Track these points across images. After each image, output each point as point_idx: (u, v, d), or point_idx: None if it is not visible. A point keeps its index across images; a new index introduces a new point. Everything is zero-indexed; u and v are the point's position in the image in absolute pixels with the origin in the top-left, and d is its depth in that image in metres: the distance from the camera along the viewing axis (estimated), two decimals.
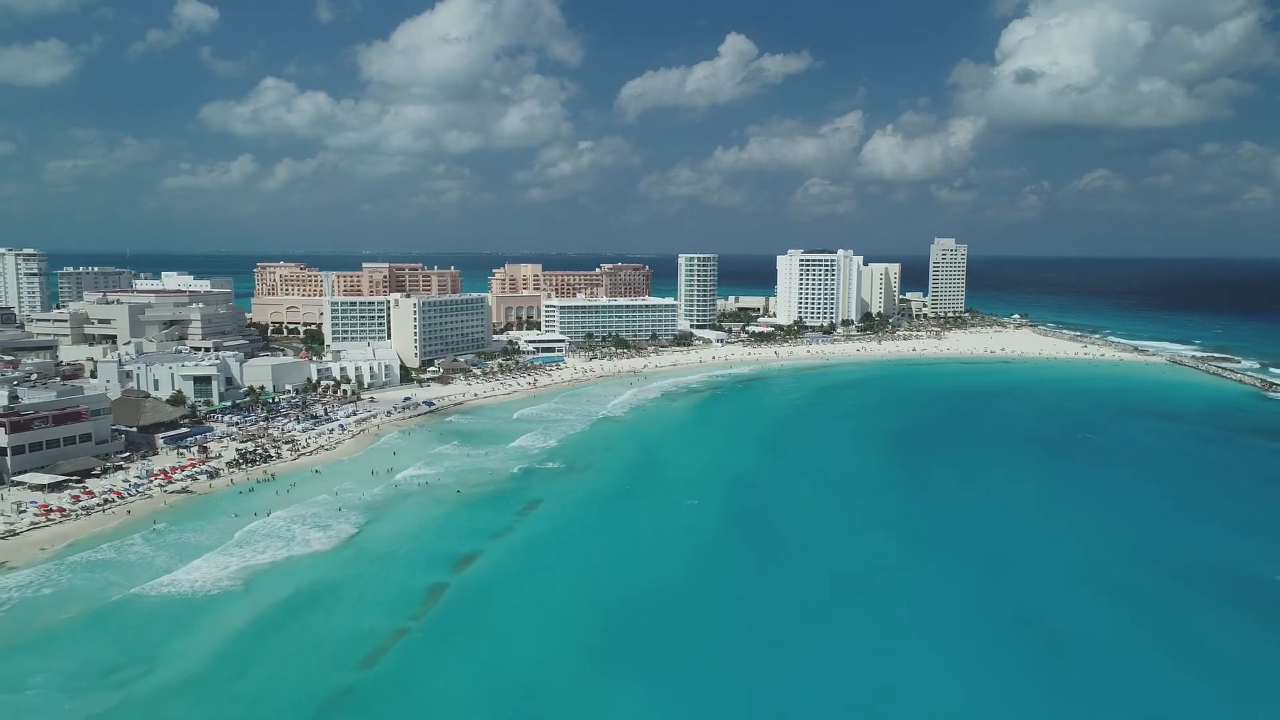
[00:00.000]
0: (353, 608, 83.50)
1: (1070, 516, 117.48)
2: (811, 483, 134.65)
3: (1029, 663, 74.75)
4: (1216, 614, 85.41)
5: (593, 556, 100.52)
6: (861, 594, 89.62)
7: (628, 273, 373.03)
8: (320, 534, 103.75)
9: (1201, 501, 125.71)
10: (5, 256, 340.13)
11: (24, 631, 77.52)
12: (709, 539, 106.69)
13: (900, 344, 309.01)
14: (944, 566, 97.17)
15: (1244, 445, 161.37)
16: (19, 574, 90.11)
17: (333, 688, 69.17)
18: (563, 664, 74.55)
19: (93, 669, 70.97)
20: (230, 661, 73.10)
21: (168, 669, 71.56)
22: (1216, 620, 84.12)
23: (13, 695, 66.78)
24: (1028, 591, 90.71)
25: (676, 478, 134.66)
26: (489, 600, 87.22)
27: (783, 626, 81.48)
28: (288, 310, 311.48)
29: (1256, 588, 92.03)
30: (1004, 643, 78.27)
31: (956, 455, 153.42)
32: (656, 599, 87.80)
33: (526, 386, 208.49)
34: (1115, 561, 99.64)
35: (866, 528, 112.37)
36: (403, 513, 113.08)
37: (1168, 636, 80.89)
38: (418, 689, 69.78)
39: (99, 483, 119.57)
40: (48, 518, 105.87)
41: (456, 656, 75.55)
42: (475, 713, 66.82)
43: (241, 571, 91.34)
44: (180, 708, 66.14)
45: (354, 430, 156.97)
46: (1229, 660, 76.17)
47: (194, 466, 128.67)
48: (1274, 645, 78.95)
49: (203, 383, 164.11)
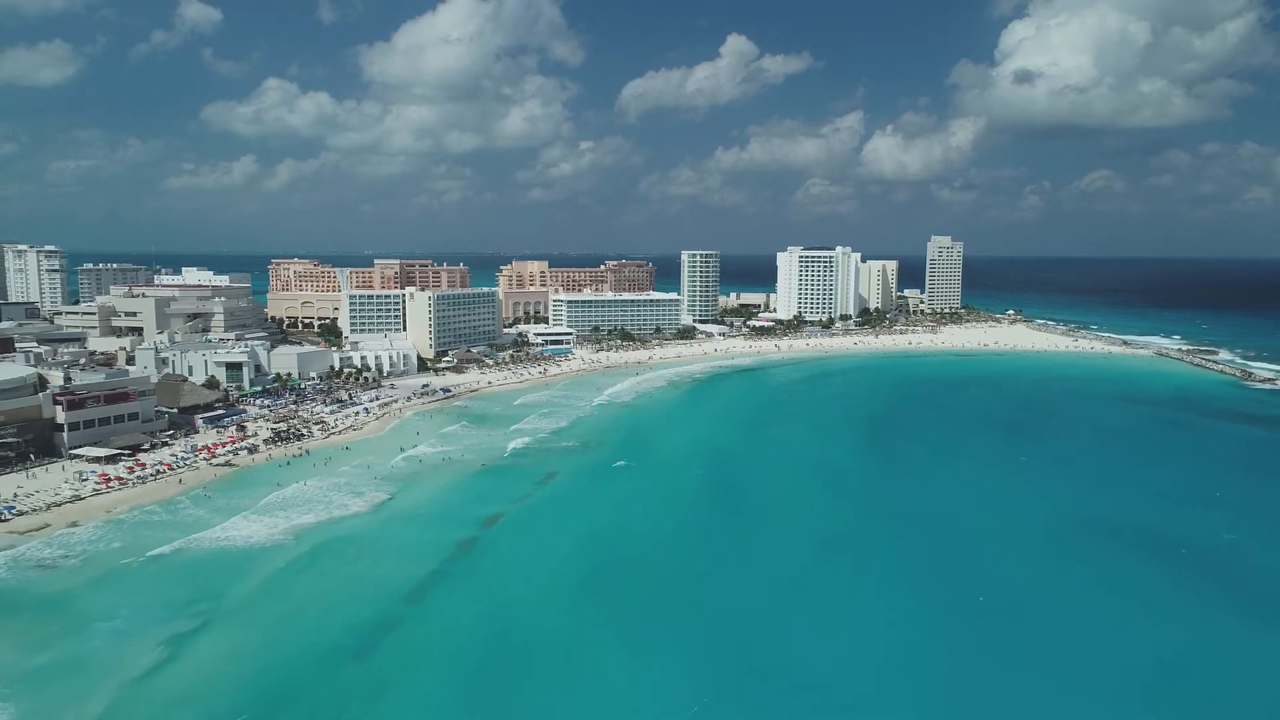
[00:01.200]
0: (394, 557, 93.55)
1: (1024, 487, 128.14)
2: (796, 458, 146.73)
3: (961, 603, 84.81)
4: (1133, 566, 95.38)
5: (603, 516, 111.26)
6: (825, 548, 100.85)
7: (632, 269, 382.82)
8: (356, 499, 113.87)
9: (1150, 474, 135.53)
10: (27, 254, 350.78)
11: (104, 575, 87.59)
12: (705, 503, 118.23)
13: (896, 338, 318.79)
14: (901, 528, 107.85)
15: (1207, 427, 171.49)
16: (90, 530, 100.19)
17: (383, 617, 79.35)
18: (575, 599, 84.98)
19: (169, 602, 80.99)
20: (288, 598, 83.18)
21: (234, 603, 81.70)
22: (1130, 570, 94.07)
23: (108, 623, 76.76)
24: (970, 548, 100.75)
25: (679, 453, 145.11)
26: (513, 551, 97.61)
27: (750, 572, 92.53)
28: (302, 305, 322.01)
29: (1174, 545, 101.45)
30: (941, 589, 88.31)
31: (933, 434, 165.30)
32: (655, 549, 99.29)
33: (537, 376, 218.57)
34: (1053, 523, 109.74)
35: (838, 496, 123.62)
36: (430, 482, 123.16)
37: (1078, 582, 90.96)
38: (454, 618, 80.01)
39: (148, 456, 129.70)
40: (107, 485, 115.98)
41: (485, 593, 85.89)
42: (500, 636, 77.16)
43: (290, 529, 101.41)
44: (250, 631, 76.16)
45: (377, 413, 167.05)
46: (1129, 601, 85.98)
47: (234, 443, 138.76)
48: (1180, 592, 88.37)
49: (234, 369, 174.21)
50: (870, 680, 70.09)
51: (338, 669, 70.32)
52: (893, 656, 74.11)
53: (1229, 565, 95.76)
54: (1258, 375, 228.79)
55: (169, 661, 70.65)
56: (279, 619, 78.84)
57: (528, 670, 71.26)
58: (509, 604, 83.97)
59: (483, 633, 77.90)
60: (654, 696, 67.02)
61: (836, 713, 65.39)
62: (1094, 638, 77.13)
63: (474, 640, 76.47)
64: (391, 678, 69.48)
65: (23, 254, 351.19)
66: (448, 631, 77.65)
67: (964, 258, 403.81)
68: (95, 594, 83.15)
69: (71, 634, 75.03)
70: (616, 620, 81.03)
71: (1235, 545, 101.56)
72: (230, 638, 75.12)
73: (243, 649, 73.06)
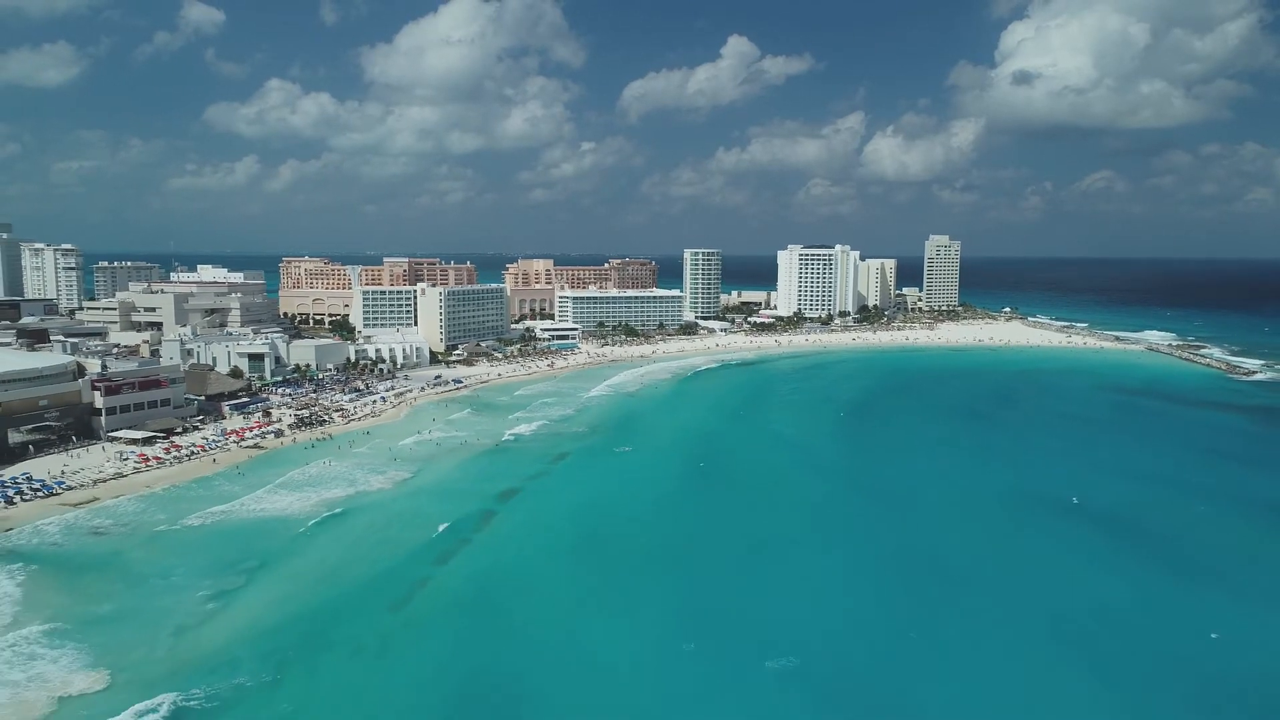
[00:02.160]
0: (420, 525, 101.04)
1: (991, 466, 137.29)
2: (785, 441, 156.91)
3: (913, 562, 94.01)
4: (1075, 533, 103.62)
5: (608, 492, 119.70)
6: (801, 517, 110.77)
7: (635, 268, 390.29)
8: (380, 477, 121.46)
9: (1114, 456, 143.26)
10: (44, 252, 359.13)
11: (153, 540, 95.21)
12: (699, 480, 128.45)
13: (894, 334, 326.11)
14: (869, 500, 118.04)
15: (1181, 414, 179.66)
16: (135, 503, 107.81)
17: (414, 574, 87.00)
18: (583, 559, 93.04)
19: (216, 561, 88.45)
20: (325, 558, 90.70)
21: (276, 561, 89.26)
22: (1073, 537, 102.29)
23: (163, 580, 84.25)
24: (929, 517, 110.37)
25: (679, 438, 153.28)
26: (528, 520, 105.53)
27: (735, 536, 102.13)
28: (313, 302, 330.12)
29: (1120, 518, 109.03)
30: (897, 551, 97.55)
31: (916, 420, 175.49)
32: (654, 520, 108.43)
33: (545, 368, 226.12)
34: (1010, 498, 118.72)
35: (819, 474, 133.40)
36: (448, 463, 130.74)
37: (1022, 546, 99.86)
38: (478, 574, 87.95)
39: (182, 439, 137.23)
40: (146, 464, 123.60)
41: (505, 554, 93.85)
42: (519, 590, 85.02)
43: (321, 501, 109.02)
44: (293, 584, 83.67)
45: (394, 401, 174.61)
46: (1066, 563, 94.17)
47: (261, 428, 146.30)
48: (1117, 557, 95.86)
49: (256, 360, 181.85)
50: (828, 623, 78.33)
51: (376, 615, 77.90)
52: (850, 604, 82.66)
53: (1167, 535, 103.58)
54: (1242, 368, 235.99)
55: (221, 609, 78.21)
56: (318, 575, 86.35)
57: (542, 617, 78.78)
58: (526, 563, 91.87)
59: (504, 586, 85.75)
60: (651, 634, 74.77)
61: (797, 648, 72.58)
62: (1027, 590, 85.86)
63: (496, 592, 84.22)
64: (425, 621, 77.24)
65: (40, 252, 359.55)
66: (473, 585, 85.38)
67: (965, 259, 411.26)
68: (148, 555, 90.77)
69: (131, 588, 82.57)
70: (617, 576, 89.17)
71: (1178, 518, 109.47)
72: (274, 589, 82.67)
73: (287, 598, 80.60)
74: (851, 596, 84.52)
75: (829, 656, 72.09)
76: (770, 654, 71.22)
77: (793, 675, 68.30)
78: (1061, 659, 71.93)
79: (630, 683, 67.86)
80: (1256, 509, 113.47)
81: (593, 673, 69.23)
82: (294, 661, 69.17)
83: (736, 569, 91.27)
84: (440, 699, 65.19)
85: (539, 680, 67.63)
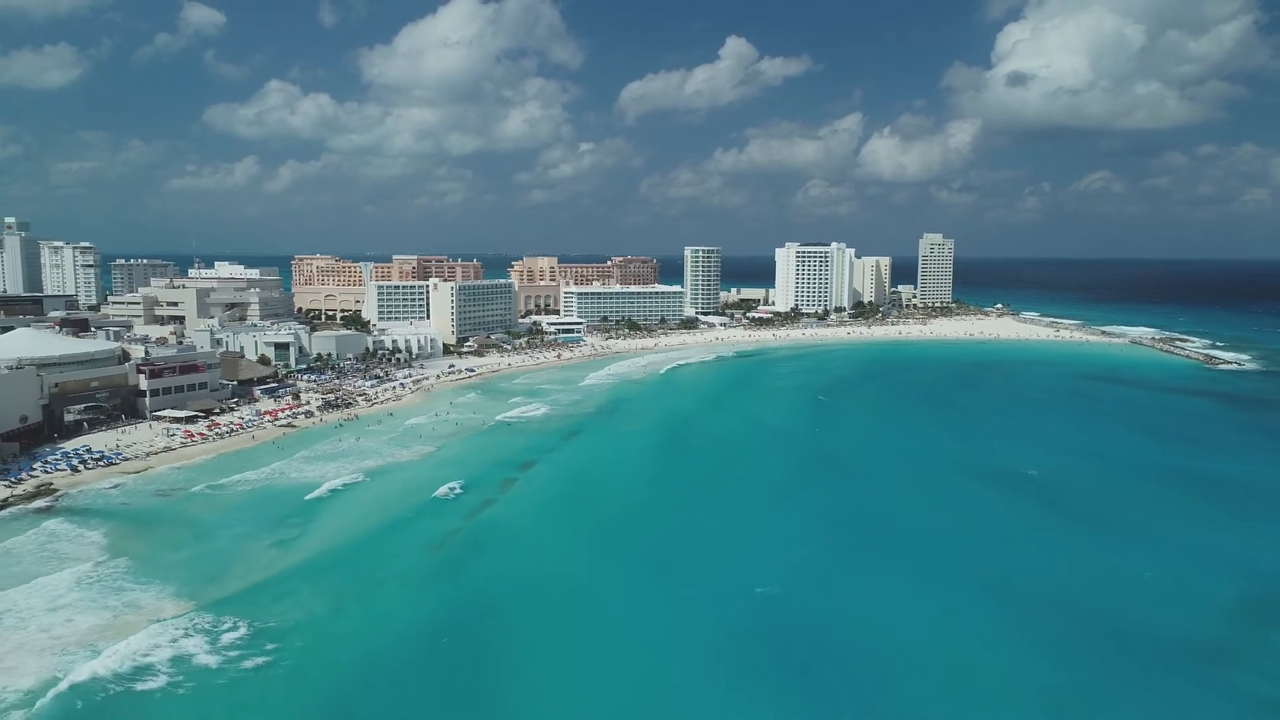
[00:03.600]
0: (449, 489, 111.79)
1: (948, 442, 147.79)
2: (768, 420, 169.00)
3: (853, 518, 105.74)
4: (1007, 498, 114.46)
5: (615, 459, 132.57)
6: (770, 482, 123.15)
7: (637, 265, 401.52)
8: (407, 451, 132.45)
9: (1068, 435, 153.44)
10: (63, 249, 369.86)
11: (211, 500, 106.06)
12: (696, 451, 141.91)
13: (888, 329, 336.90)
14: (828, 469, 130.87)
15: (1144, 398, 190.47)
16: (188, 471, 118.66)
17: (448, 527, 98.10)
18: (593, 517, 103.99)
19: (271, 516, 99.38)
20: (367, 515, 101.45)
21: (323, 518, 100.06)
22: (1004, 500, 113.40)
23: (225, 530, 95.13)
24: (878, 484, 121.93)
25: (680, 417, 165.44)
26: (546, 485, 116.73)
27: (714, 495, 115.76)
28: (325, 298, 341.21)
29: (1055, 486, 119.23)
30: (843, 510, 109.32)
31: (892, 403, 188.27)
32: (651, 483, 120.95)
33: (553, 359, 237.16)
34: (958, 469, 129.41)
35: (794, 447, 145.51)
36: (468, 440, 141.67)
37: (955, 506, 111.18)
38: (506, 529, 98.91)
39: (220, 419, 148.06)
40: (192, 439, 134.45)
41: (528, 513, 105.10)
42: (538, 540, 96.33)
43: (355, 472, 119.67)
44: (341, 536, 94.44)
45: (412, 388, 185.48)
46: (992, 521, 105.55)
47: (292, 409, 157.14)
48: (1041, 516, 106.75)
49: (282, 348, 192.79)
50: (800, 562, 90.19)
51: (417, 556, 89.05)
52: (797, 552, 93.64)
53: (1089, 498, 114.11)
54: (1220, 359, 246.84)
55: (281, 553, 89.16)
56: (361, 527, 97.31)
57: (562, 555, 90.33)
58: (545, 518, 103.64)
59: (526, 534, 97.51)
60: (658, 566, 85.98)
61: (743, 583, 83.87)
62: (960, 538, 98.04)
63: (519, 539, 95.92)
64: (460, 560, 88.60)
65: (59, 250, 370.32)
66: (499, 533, 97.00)
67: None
68: (207, 512, 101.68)
69: (198, 537, 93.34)
70: (622, 525, 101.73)
71: (1104, 486, 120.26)
72: (324, 538, 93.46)
73: (336, 545, 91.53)
74: (796, 544, 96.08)
75: (805, 586, 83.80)
76: (758, 581, 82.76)
77: (776, 598, 79.59)
78: (984, 589, 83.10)
79: (643, 603, 78.92)
80: (1174, 477, 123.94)
81: (613, 592, 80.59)
82: (350, 594, 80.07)
83: (719, 520, 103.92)
84: (479, 620, 76.07)
85: (566, 605, 78.67)
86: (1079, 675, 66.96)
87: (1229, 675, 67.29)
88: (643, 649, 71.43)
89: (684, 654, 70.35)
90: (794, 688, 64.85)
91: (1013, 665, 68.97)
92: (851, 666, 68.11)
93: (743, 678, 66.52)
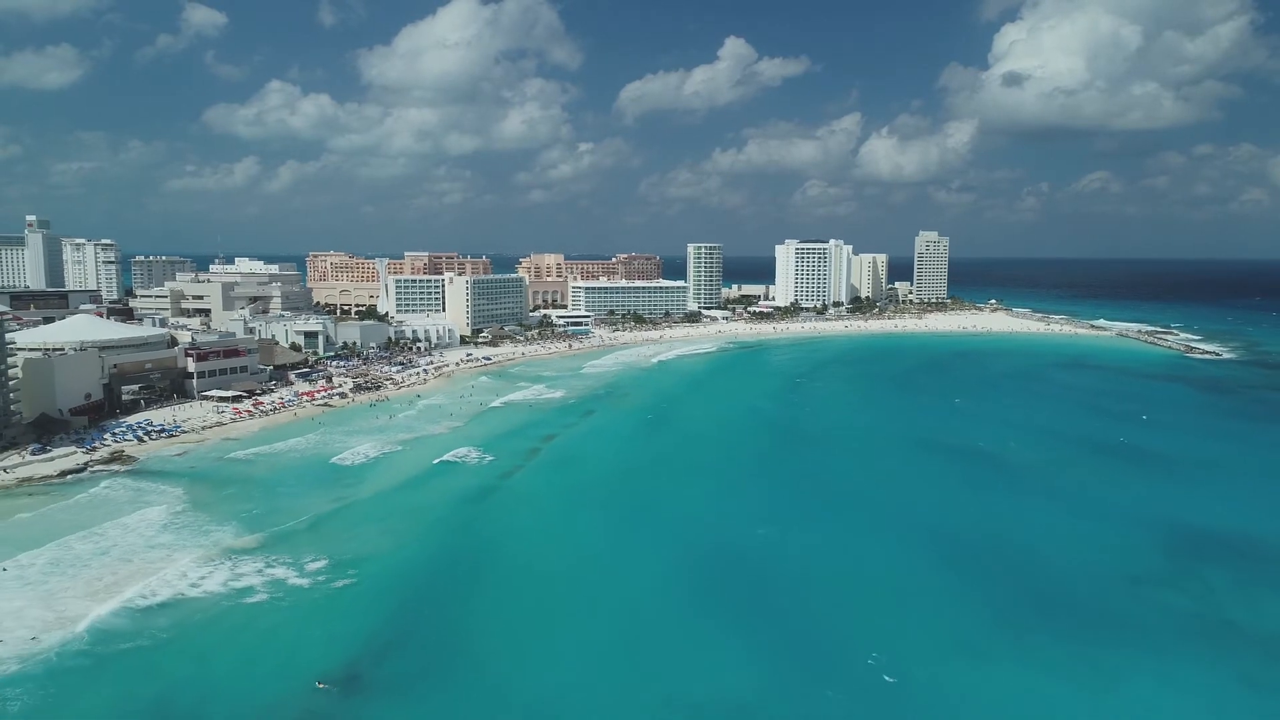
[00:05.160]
0: (479, 459, 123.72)
1: (908, 420, 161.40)
2: (753, 402, 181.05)
3: (811, 480, 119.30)
4: (950, 467, 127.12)
5: (627, 432, 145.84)
6: (745, 451, 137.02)
7: (641, 262, 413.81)
8: (437, 426, 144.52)
9: (1025, 415, 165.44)
10: (85, 246, 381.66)
11: (270, 465, 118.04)
12: (699, 427, 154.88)
13: (884, 323, 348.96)
14: (794, 441, 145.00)
15: (1112, 384, 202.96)
16: (241, 443, 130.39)
17: (486, 485, 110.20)
18: (617, 478, 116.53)
19: (327, 478, 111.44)
20: (408, 480, 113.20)
21: (367, 483, 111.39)
22: (947, 469, 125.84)
23: (286, 488, 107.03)
24: (836, 454, 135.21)
25: (686, 398, 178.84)
26: (567, 454, 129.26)
27: (698, 461, 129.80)
28: (340, 293, 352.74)
29: (995, 458, 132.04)
30: (802, 475, 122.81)
31: (872, 388, 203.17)
32: (660, 448, 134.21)
33: (564, 349, 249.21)
34: (909, 443, 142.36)
35: (774, 425, 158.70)
36: (494, 418, 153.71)
37: (902, 473, 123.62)
38: (535, 490, 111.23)
39: (263, 399, 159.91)
40: (240, 415, 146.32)
41: (552, 476, 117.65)
42: (560, 495, 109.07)
43: (394, 443, 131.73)
44: (391, 493, 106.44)
45: (434, 373, 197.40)
46: (934, 486, 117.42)
47: (326, 391, 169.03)
48: (976, 479, 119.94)
49: (311, 337, 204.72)
50: (745, 518, 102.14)
51: (461, 507, 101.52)
52: (762, 507, 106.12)
53: (1030, 469, 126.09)
54: (1199, 350, 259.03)
55: (340, 505, 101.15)
56: (408, 485, 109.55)
57: (573, 510, 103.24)
58: (566, 479, 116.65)
59: (551, 493, 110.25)
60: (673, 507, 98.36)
61: (711, 529, 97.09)
62: (901, 499, 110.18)
63: (545, 496, 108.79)
64: (499, 511, 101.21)
65: (81, 247, 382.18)
66: (530, 491, 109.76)
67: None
68: (269, 474, 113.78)
69: (265, 493, 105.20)
70: (635, 480, 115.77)
71: (1047, 459, 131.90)
72: (377, 494, 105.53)
73: (389, 499, 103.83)
74: (761, 501, 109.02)
75: (770, 528, 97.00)
76: (758, 523, 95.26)
77: (774, 538, 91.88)
78: (925, 534, 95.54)
79: (633, 534, 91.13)
80: (1107, 450, 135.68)
81: (613, 528, 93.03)
82: (407, 534, 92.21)
83: (695, 477, 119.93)
84: (516, 551, 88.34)
85: (581, 538, 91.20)
86: (994, 592, 79.85)
87: (1107, 593, 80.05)
88: (633, 564, 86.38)
89: (662, 568, 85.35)
90: (751, 597, 78.24)
91: (940, 584, 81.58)
92: (803, 586, 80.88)
93: (706, 592, 79.54)
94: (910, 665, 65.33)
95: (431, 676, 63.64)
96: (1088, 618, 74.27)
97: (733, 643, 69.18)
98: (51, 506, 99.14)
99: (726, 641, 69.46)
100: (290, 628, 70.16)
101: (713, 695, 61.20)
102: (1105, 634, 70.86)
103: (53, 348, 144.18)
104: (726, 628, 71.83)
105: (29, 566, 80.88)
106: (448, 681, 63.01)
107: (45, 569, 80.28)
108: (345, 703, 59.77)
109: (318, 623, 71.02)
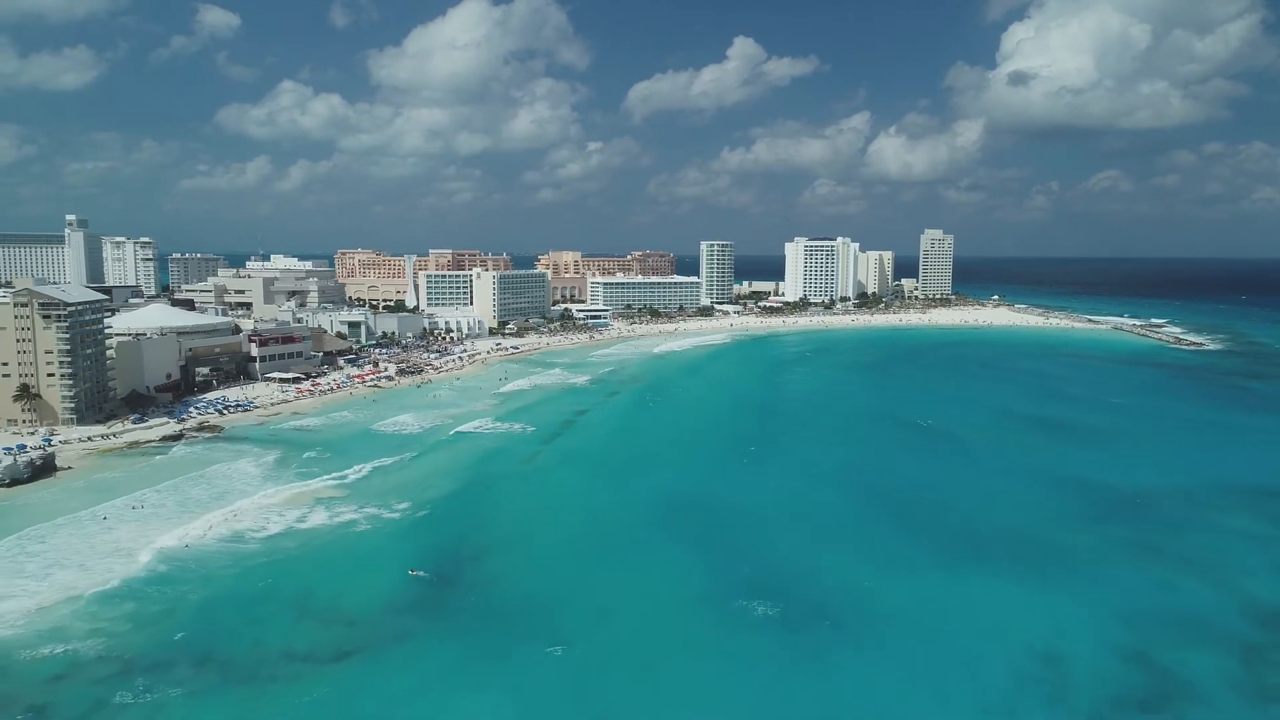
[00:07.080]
0: (521, 429, 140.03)
1: (886, 401, 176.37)
2: (771, 389, 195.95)
3: (785, 449, 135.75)
4: (911, 440, 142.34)
5: (647, 410, 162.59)
6: (742, 428, 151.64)
7: (655, 259, 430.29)
8: (478, 404, 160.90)
9: (990, 398, 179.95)
10: (125, 244, 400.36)
11: (335, 435, 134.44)
12: (710, 407, 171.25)
13: (890, 317, 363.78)
14: (780, 419, 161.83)
15: (1084, 370, 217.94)
16: (308, 416, 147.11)
17: (527, 450, 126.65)
18: (641, 448, 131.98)
19: (388, 446, 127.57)
20: (464, 444, 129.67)
21: (429, 449, 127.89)
22: (908, 442, 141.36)
23: (357, 452, 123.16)
24: (812, 429, 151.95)
25: (700, 382, 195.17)
26: (598, 425, 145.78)
27: (707, 436, 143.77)
28: (368, 289, 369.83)
29: (949, 433, 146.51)
30: (780, 445, 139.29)
31: (869, 374, 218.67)
32: (670, 426, 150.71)
33: (586, 340, 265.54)
34: (875, 419, 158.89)
35: (779, 411, 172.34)
36: (528, 397, 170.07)
37: (865, 441, 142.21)
38: (572, 455, 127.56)
39: (320, 380, 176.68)
40: (301, 394, 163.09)
41: (587, 444, 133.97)
42: (591, 464, 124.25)
43: (443, 416, 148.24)
44: (450, 458, 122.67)
45: (469, 360, 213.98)
46: (893, 451, 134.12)
47: (374, 374, 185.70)
48: (929, 447, 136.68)
49: (354, 326, 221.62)
50: (734, 475, 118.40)
51: (514, 466, 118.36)
52: (733, 466, 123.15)
53: (967, 440, 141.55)
54: (1186, 341, 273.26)
55: (408, 466, 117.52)
56: (464, 451, 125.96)
57: (606, 468, 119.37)
58: (598, 444, 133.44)
59: (588, 456, 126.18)
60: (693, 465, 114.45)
61: (695, 484, 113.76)
62: (843, 461, 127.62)
63: (583, 460, 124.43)
64: (545, 469, 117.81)
65: (121, 245, 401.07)
66: (568, 459, 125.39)
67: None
68: (338, 441, 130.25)
69: (340, 455, 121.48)
70: (656, 449, 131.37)
71: (986, 432, 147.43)
72: (438, 459, 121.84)
73: (450, 463, 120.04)
74: (747, 466, 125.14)
75: (724, 480, 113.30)
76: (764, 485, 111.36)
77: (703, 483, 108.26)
78: (860, 488, 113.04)
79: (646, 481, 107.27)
80: (1043, 424, 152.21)
81: (631, 480, 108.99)
82: (473, 486, 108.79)
83: (696, 448, 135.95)
84: (561, 510, 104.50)
85: (611, 486, 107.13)
86: (919, 536, 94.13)
87: (1013, 535, 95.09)
88: (633, 498, 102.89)
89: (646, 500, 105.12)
90: (705, 526, 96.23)
91: (869, 526, 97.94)
92: (747, 521, 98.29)
93: (672, 524, 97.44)
94: (851, 575, 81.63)
95: (493, 569, 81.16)
96: (1008, 547, 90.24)
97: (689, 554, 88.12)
98: (159, 458, 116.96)
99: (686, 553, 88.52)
100: (386, 544, 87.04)
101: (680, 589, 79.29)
102: (1025, 555, 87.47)
103: (137, 333, 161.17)
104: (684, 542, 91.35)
105: (160, 505, 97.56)
106: (507, 576, 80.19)
107: (174, 508, 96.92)
108: (434, 585, 78.34)
109: (407, 540, 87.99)
